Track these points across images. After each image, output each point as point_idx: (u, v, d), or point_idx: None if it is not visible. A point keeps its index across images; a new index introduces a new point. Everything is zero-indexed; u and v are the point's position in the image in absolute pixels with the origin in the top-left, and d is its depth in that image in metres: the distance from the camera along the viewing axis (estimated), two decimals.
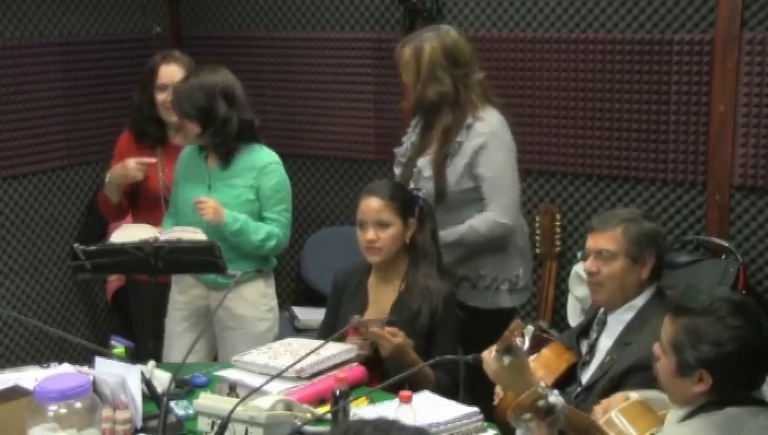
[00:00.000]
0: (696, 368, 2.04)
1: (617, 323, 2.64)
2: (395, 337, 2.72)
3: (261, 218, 3.33)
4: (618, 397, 2.37)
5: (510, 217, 3.20)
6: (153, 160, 3.53)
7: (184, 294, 3.43)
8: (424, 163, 3.25)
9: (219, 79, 3.32)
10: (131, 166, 3.52)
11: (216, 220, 3.21)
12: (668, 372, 2.11)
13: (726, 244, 3.68)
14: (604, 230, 2.64)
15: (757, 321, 2.07)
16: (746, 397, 2.09)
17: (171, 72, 3.57)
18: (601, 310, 2.73)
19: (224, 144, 3.30)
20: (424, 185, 3.21)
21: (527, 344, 2.41)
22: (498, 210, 3.18)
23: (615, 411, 2.28)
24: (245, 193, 3.31)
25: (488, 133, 3.19)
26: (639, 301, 2.62)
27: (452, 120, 3.21)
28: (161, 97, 3.55)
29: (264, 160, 3.34)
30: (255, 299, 3.39)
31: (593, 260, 2.65)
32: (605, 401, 2.38)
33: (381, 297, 2.96)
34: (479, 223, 3.18)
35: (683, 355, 2.06)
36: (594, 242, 2.66)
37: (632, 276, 2.61)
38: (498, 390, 2.72)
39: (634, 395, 2.34)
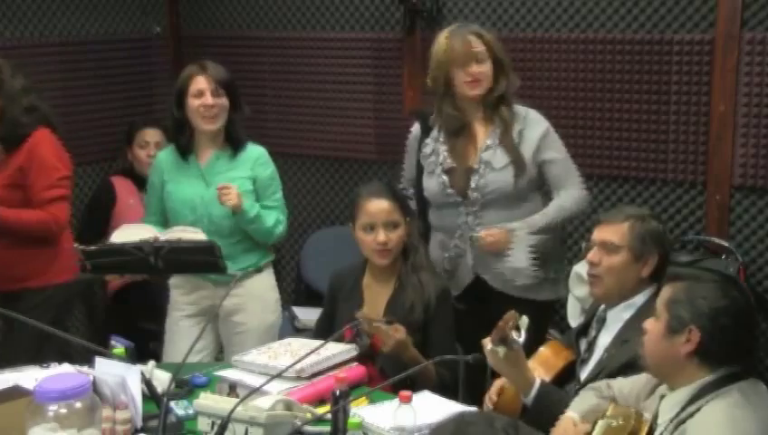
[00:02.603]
0: (686, 323, 2.14)
1: (616, 320, 2.64)
2: (397, 333, 2.73)
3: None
4: (566, 422, 2.37)
5: (587, 189, 3.35)
6: None
7: (189, 295, 3.43)
8: (490, 156, 3.21)
9: None
10: None
11: (237, 205, 3.25)
12: (658, 335, 2.19)
13: (726, 244, 3.68)
14: (611, 223, 2.66)
15: (746, 295, 2.27)
16: (745, 370, 2.16)
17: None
18: (601, 308, 2.73)
19: (237, 129, 3.37)
20: (494, 178, 3.19)
21: (524, 336, 2.43)
22: (578, 185, 3.29)
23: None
24: (244, 184, 3.35)
25: (544, 120, 3.28)
26: (639, 299, 2.62)
27: (511, 109, 3.26)
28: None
29: (256, 152, 3.44)
30: (262, 293, 3.44)
31: (596, 251, 2.65)
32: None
33: (376, 297, 2.97)
34: (566, 201, 3.25)
35: (677, 311, 2.16)
36: (599, 233, 2.67)
37: (632, 273, 2.61)
38: (489, 398, 2.72)
39: (573, 415, 2.37)
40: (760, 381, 2.19)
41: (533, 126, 3.25)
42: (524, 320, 2.44)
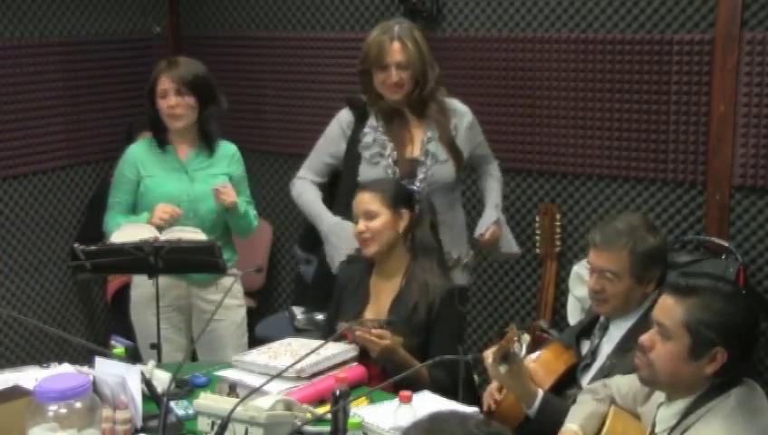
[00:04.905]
0: (712, 346, 2.03)
1: (619, 328, 2.62)
2: (382, 339, 2.73)
3: None
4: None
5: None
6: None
7: (163, 297, 3.31)
8: (434, 148, 3.30)
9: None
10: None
11: (234, 203, 3.34)
12: (677, 356, 2.07)
13: (726, 244, 3.68)
14: (608, 249, 2.58)
15: (751, 300, 2.14)
16: (739, 376, 2.11)
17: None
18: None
19: (209, 125, 3.39)
20: (438, 170, 3.29)
21: (524, 351, 2.44)
22: (493, 157, 3.59)
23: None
24: (224, 181, 3.40)
25: (466, 108, 3.44)
26: (642, 307, 2.61)
27: (441, 104, 3.35)
28: None
29: (230, 149, 3.50)
30: (234, 288, 3.41)
31: (597, 279, 2.60)
32: None
33: (382, 294, 2.97)
34: (497, 175, 3.57)
35: (699, 335, 2.04)
36: (597, 260, 2.61)
37: (637, 293, 2.59)
38: (487, 397, 2.72)
39: (573, 427, 2.33)
40: (754, 382, 2.13)
41: (462, 117, 3.40)
42: (526, 337, 2.46)
